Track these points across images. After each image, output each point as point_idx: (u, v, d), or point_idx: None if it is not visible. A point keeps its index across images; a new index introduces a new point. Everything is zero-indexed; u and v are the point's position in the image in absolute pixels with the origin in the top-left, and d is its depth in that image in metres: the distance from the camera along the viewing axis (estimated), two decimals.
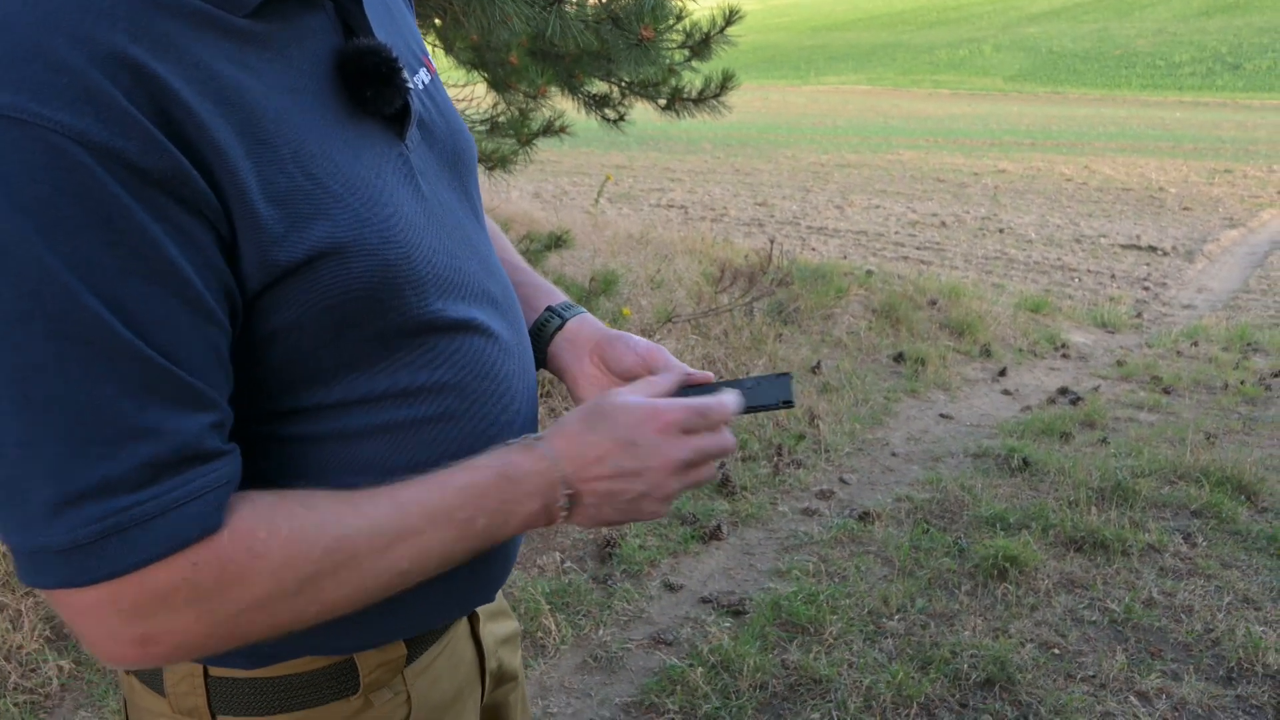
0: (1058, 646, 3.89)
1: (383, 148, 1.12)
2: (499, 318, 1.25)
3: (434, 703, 1.32)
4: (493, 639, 1.49)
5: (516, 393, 1.26)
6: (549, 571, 4.38)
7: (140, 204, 0.88)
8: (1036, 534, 4.78)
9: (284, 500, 1.02)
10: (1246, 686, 3.65)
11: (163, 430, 0.91)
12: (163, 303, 0.90)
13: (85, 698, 3.47)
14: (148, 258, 0.89)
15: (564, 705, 3.55)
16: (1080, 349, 9.24)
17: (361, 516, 1.03)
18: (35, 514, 0.89)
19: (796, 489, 5.44)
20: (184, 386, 0.93)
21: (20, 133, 0.83)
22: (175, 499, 0.92)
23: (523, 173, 6.41)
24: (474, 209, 1.31)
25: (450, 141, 1.27)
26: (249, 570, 0.96)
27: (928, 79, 64.29)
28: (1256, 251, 14.73)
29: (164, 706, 1.22)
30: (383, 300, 1.07)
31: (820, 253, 13.35)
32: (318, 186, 1.01)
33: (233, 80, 0.96)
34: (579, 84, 6.10)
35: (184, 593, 0.94)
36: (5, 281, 0.85)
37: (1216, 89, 53.79)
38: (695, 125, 6.84)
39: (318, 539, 1.00)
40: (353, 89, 1.08)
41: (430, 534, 1.07)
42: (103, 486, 0.89)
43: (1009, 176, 22.23)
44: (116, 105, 0.86)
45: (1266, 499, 5.25)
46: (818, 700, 3.55)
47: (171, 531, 0.92)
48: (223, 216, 0.94)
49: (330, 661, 1.21)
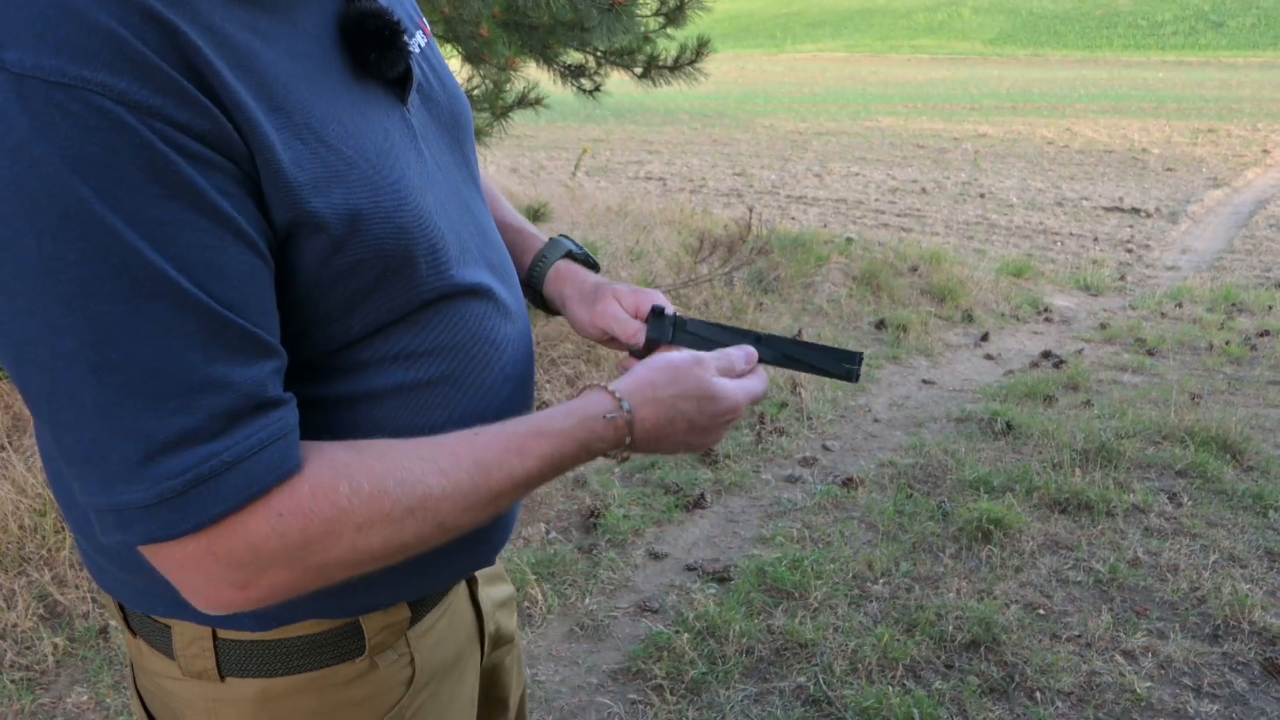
0: (1043, 607, 3.89)
1: (387, 111, 1.13)
2: (499, 282, 1.28)
3: (436, 664, 1.35)
4: (490, 602, 1.53)
5: (515, 356, 1.29)
6: (534, 542, 4.37)
7: (185, 158, 0.89)
8: (1020, 496, 4.78)
9: (361, 455, 1.03)
10: (1233, 644, 3.65)
11: (232, 380, 0.93)
12: (220, 254, 0.92)
13: (80, 674, 3.47)
14: (202, 211, 0.90)
15: (552, 673, 3.54)
16: (1063, 312, 9.24)
17: (445, 477, 1.05)
18: (117, 472, 0.91)
19: (779, 456, 5.43)
20: (247, 336, 0.95)
21: (65, 96, 0.83)
22: (250, 447, 0.94)
23: (499, 147, 6.38)
24: (472, 174, 1.33)
25: (448, 106, 1.29)
26: (334, 524, 0.99)
27: (906, 44, 64.26)
28: (1241, 211, 14.75)
29: (173, 669, 1.23)
30: (396, 264, 1.08)
31: (800, 221, 13.34)
32: (331, 152, 1.01)
33: (245, 45, 0.96)
34: (554, 54, 6.06)
35: (274, 543, 0.96)
36: (70, 245, 0.85)
37: (1200, 48, 53.89)
38: (672, 96, 6.84)
39: (401, 497, 1.02)
40: (356, 52, 1.09)
41: (506, 498, 1.10)
42: (181, 440, 0.91)
43: (989, 141, 22.24)
44: (150, 63, 0.86)
45: (1252, 458, 5.25)
46: (803, 664, 3.54)
47: (250, 479, 0.94)
48: (254, 170, 0.95)
49: (336, 624, 1.22)
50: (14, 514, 3.91)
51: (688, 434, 1.23)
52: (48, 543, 3.88)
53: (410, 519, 1.02)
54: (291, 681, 1.22)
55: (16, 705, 3.29)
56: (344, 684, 1.25)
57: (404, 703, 1.30)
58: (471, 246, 1.23)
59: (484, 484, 1.07)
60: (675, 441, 1.23)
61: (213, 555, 0.95)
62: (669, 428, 1.21)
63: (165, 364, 0.89)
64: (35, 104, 0.83)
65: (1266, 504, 4.71)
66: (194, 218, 0.89)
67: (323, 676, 1.23)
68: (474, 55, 5.67)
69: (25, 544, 3.88)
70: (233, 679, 1.21)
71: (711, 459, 5.24)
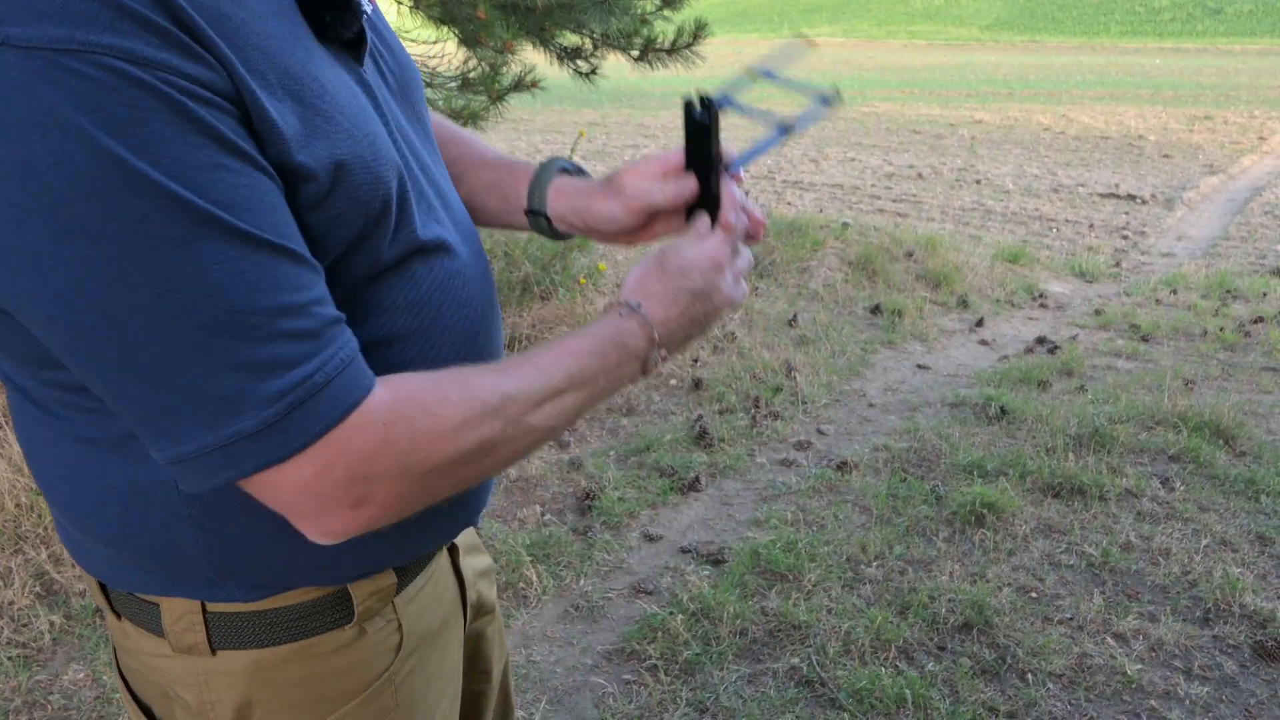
0: (1035, 590, 3.91)
1: (348, 70, 1.15)
2: (459, 239, 1.30)
3: (422, 631, 1.37)
4: (472, 571, 1.56)
5: (479, 312, 1.31)
6: (529, 524, 4.38)
7: (201, 105, 0.91)
8: (1014, 481, 4.79)
9: (442, 374, 1.11)
10: (1223, 626, 3.67)
11: (301, 302, 0.97)
12: (252, 190, 0.94)
13: (77, 651, 3.48)
14: (228, 151, 0.93)
15: (547, 654, 3.55)
16: (1058, 298, 9.25)
17: (516, 379, 1.12)
18: (219, 409, 0.94)
19: (774, 440, 5.44)
20: (299, 258, 0.98)
21: (78, 62, 0.85)
22: (339, 362, 0.99)
23: (495, 130, 6.38)
24: (427, 135, 1.35)
25: (398, 71, 1.31)
26: (433, 428, 1.04)
27: (903, 29, 64.14)
28: (1236, 198, 14.77)
29: (163, 646, 1.24)
30: (372, 217, 1.10)
31: (796, 206, 13.35)
32: (308, 109, 1.03)
33: (214, 7, 0.96)
34: (550, 36, 6.06)
35: (383, 453, 1.01)
36: (125, 205, 0.87)
37: (1197, 35, 53.83)
38: (668, 80, 6.84)
39: (486, 399, 1.09)
40: (311, 15, 1.10)
41: (569, 394, 1.17)
42: (274, 364, 0.94)
43: (986, 127, 22.23)
44: (150, 20, 0.88)
45: (1244, 443, 5.27)
46: (797, 645, 3.56)
47: (346, 391, 0.99)
48: (250, 118, 0.97)
49: (325, 592, 1.24)
50: (10, 492, 3.92)
51: (693, 302, 1.31)
52: (44, 521, 3.89)
53: (496, 417, 1.09)
54: (282, 651, 1.23)
55: (14, 682, 3.30)
56: (334, 651, 1.26)
57: (393, 669, 1.32)
58: (434, 205, 1.26)
59: (548, 383, 1.14)
60: (689, 317, 1.31)
61: (329, 473, 0.99)
62: (674, 307, 1.29)
63: (240, 297, 0.92)
64: (53, 73, 0.84)
65: (1258, 489, 4.73)
66: (223, 159, 0.92)
67: (313, 645, 1.24)
68: (471, 38, 5.67)
69: (22, 522, 3.89)
70: (224, 651, 1.22)
71: (707, 442, 5.25)
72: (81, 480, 1.15)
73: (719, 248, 1.34)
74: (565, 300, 6.59)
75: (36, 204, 0.86)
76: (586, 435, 5.42)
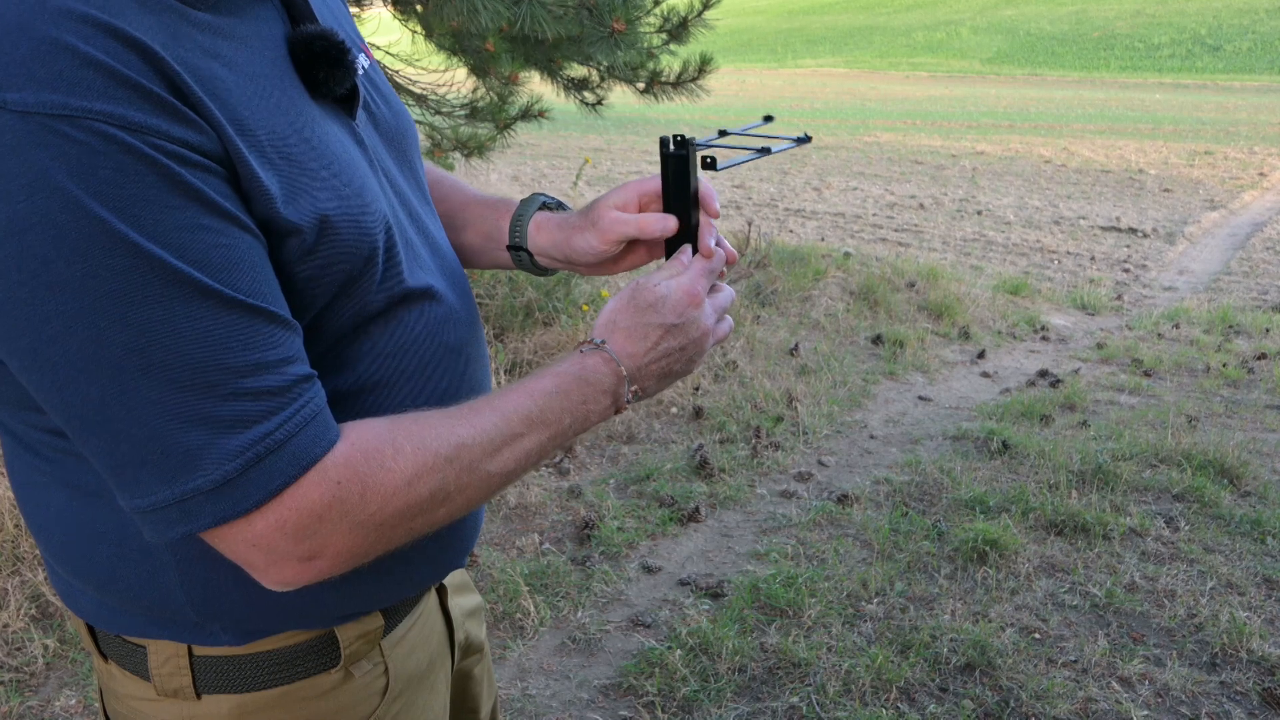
0: (1038, 631, 3.87)
1: (340, 125, 1.19)
2: (448, 287, 1.33)
3: (409, 673, 1.39)
4: (460, 611, 1.58)
5: (466, 355, 1.34)
6: (528, 553, 4.35)
7: (186, 168, 0.95)
8: (1016, 517, 4.76)
9: (398, 422, 1.11)
10: (1231, 673, 3.63)
11: (269, 361, 1.00)
12: (232, 250, 0.98)
13: (70, 676, 3.46)
14: (210, 212, 0.97)
15: (543, 687, 3.51)
16: (1060, 331, 9.24)
17: (471, 426, 1.13)
18: (179, 464, 0.97)
19: (774, 471, 5.41)
20: (275, 318, 1.02)
21: (71, 127, 0.89)
22: (299, 421, 1.02)
23: (501, 156, 6.40)
24: (419, 186, 1.40)
25: (393, 123, 1.35)
26: (385, 484, 1.06)
27: (905, 61, 64.37)
28: (1238, 233, 14.76)
29: (148, 690, 1.25)
30: (359, 267, 1.14)
31: (798, 235, 13.34)
32: (295, 167, 1.06)
33: (207, 71, 1.01)
34: (558, 68, 6.10)
35: (334, 508, 1.04)
36: (102, 265, 0.91)
37: (1196, 70, 54.00)
38: (673, 108, 6.87)
39: (439, 449, 1.10)
40: (305, 72, 1.15)
41: (530, 436, 1.18)
42: (236, 422, 0.98)
43: (987, 158, 22.25)
44: (141, 87, 0.93)
45: (1249, 483, 5.23)
46: (796, 683, 3.52)
47: (304, 449, 1.02)
48: (238, 178, 1.01)
49: (312, 635, 1.25)
50: (10, 513, 3.89)
51: (665, 336, 1.30)
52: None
53: (450, 467, 1.10)
54: (268, 696, 1.24)
55: (5, 707, 3.27)
56: (320, 696, 1.27)
57: (379, 712, 1.33)
58: (422, 253, 1.29)
59: (506, 428, 1.15)
60: (662, 351, 1.30)
61: (280, 529, 1.02)
62: (644, 342, 1.29)
63: (209, 356, 0.96)
64: (46, 138, 0.89)
65: (1264, 530, 4.69)
66: (204, 220, 0.96)
67: (299, 689, 1.26)
68: (479, 69, 5.70)
69: (20, 543, 3.86)
70: (209, 696, 1.23)
71: (707, 472, 5.22)
72: (72, 524, 1.18)
73: (694, 281, 1.33)
74: (568, 326, 6.58)
75: (18, 261, 0.91)
76: (586, 462, 5.39)
